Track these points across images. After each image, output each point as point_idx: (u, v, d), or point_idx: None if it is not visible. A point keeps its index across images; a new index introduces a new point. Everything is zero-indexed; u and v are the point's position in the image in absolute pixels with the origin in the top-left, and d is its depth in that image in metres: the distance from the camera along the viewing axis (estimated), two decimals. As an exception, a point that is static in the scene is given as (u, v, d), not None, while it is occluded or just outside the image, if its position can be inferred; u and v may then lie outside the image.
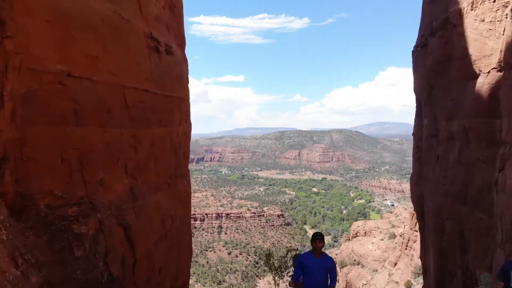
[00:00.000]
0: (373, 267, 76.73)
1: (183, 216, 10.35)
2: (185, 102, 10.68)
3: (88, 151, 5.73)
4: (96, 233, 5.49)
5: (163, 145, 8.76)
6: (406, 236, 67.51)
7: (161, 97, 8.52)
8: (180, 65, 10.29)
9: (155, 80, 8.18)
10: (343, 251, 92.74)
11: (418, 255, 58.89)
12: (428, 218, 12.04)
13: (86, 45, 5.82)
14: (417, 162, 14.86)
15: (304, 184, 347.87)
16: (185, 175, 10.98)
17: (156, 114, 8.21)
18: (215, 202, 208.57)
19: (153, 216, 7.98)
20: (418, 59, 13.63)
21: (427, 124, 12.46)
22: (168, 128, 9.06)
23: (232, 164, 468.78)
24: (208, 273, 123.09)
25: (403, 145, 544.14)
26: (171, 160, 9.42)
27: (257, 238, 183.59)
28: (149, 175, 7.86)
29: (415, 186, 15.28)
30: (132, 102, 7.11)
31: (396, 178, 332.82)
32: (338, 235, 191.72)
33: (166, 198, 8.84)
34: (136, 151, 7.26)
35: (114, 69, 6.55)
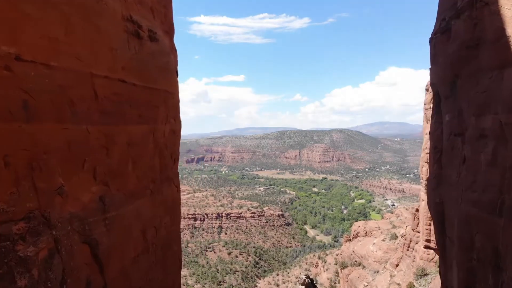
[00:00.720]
0: (374, 268, 75.88)
1: (170, 225, 9.24)
2: (173, 96, 9.65)
3: (42, 152, 4.64)
4: (49, 255, 4.42)
5: (144, 145, 7.67)
6: (408, 237, 66.58)
7: (142, 90, 7.45)
8: (167, 54, 9.22)
9: (134, 70, 7.11)
10: (343, 252, 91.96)
11: (420, 256, 58.29)
12: (451, 229, 10.48)
13: (44, 24, 4.77)
14: (436, 165, 13.36)
15: (305, 184, 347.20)
16: (173, 179, 9.97)
17: (135, 109, 7.01)
18: (215, 202, 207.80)
19: (131, 228, 6.92)
20: (437, 47, 12.18)
21: (449, 121, 11.01)
22: (151, 125, 8.07)
23: (232, 164, 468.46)
24: (208, 274, 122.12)
25: (403, 145, 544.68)
26: (155, 163, 8.19)
27: (257, 238, 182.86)
28: (126, 181, 6.89)
29: (432, 192, 13.76)
30: (103, 94, 6.03)
31: (396, 178, 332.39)
32: (339, 235, 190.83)
33: (148, 206, 7.79)
34: (109, 152, 6.19)
35: (80, 54, 5.46)
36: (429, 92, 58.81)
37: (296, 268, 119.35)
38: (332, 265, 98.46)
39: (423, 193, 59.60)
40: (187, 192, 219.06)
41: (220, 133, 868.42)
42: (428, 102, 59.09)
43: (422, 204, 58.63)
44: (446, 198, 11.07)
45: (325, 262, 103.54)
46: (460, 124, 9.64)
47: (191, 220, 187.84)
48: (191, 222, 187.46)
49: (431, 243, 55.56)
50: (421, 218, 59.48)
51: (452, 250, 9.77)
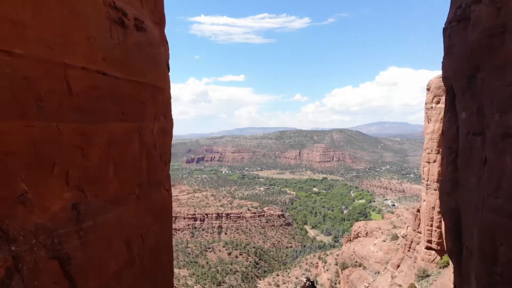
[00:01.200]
0: (375, 269, 75.37)
1: (159, 233, 8.51)
2: (163, 92, 8.92)
3: (1, 154, 3.94)
4: (6, 274, 3.78)
5: (128, 145, 7.08)
6: (409, 237, 66.04)
7: (126, 84, 6.78)
8: (157, 46, 8.54)
9: (117, 61, 6.44)
10: (344, 252, 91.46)
11: (422, 257, 57.70)
12: (469, 238, 9.49)
13: (6, 6, 4.05)
14: (450, 167, 12.39)
15: (305, 184, 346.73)
16: (163, 182, 9.17)
17: (118, 105, 6.51)
18: (215, 202, 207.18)
19: (112, 238, 6.23)
20: (453, 37, 11.20)
21: (467, 118, 9.98)
22: (136, 123, 7.32)
23: (233, 164, 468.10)
24: (208, 274, 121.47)
25: (403, 145, 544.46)
26: (142, 165, 7.68)
27: (258, 239, 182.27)
28: (106, 185, 6.22)
29: (447, 196, 12.67)
30: (79, 88, 5.34)
31: (396, 178, 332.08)
32: (339, 235, 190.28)
33: (133, 213, 7.10)
34: (85, 153, 5.50)
35: (51, 41, 4.77)
36: (430, 91, 58.21)
37: (296, 269, 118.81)
38: (333, 265, 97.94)
39: (424, 193, 59.08)
40: (187, 192, 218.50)
41: (220, 133, 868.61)
42: (430, 101, 58.56)
43: (424, 204, 58.07)
44: (464, 203, 10.01)
45: (326, 263, 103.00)
46: (480, 121, 8.71)
47: (191, 220, 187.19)
48: (191, 222, 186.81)
49: (433, 244, 55.00)
50: (422, 219, 58.91)
51: (470, 262, 8.90)
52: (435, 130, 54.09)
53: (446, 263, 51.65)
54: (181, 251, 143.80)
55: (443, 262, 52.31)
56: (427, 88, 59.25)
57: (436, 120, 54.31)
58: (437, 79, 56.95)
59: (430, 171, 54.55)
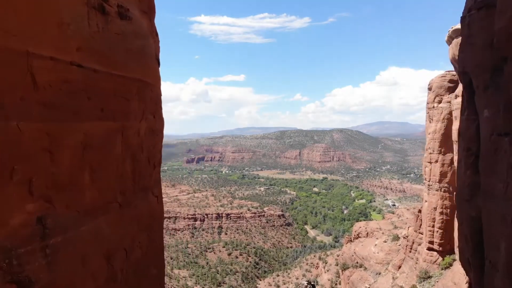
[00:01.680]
0: (376, 269, 74.78)
1: (147, 245, 7.77)
2: (152, 88, 8.19)
3: None
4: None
5: (108, 147, 6.31)
6: (411, 238, 65.43)
7: (106, 77, 6.15)
8: (144, 37, 7.81)
9: (96, 52, 5.86)
10: (344, 253, 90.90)
11: (424, 258, 57.04)
12: (493, 252, 8.55)
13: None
14: (469, 170, 11.20)
15: (305, 184, 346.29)
16: (151, 188, 8.31)
17: (96, 102, 5.76)
18: (215, 202, 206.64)
19: (88, 255, 5.60)
20: (474, 26, 10.20)
21: (490, 117, 8.92)
22: (118, 122, 6.54)
23: (233, 164, 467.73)
24: (207, 274, 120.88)
25: (404, 145, 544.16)
26: (125, 169, 6.88)
27: (258, 239, 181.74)
28: (81, 194, 5.45)
29: (466, 204, 11.46)
30: (47, 81, 4.66)
31: (397, 178, 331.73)
32: (339, 236, 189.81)
33: (114, 224, 6.42)
34: (54, 157, 4.84)
35: (11, 27, 4.10)
36: (432, 91, 57.52)
37: (296, 269, 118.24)
38: (333, 266, 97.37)
39: (426, 193, 58.44)
40: (187, 192, 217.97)
41: (221, 133, 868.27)
42: (431, 101, 57.89)
43: (425, 205, 57.43)
44: (487, 212, 8.99)
45: (326, 263, 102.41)
46: (508, 120, 7.69)
47: (191, 221, 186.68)
48: (191, 223, 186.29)
49: (435, 244, 54.38)
50: (424, 219, 58.26)
51: (494, 278, 8.05)
52: (437, 130, 53.45)
53: (448, 264, 51.03)
54: (181, 251, 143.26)
55: (445, 263, 51.70)
56: (428, 88, 58.60)
57: (438, 119, 53.67)
58: (439, 79, 56.33)
59: (432, 171, 53.92)
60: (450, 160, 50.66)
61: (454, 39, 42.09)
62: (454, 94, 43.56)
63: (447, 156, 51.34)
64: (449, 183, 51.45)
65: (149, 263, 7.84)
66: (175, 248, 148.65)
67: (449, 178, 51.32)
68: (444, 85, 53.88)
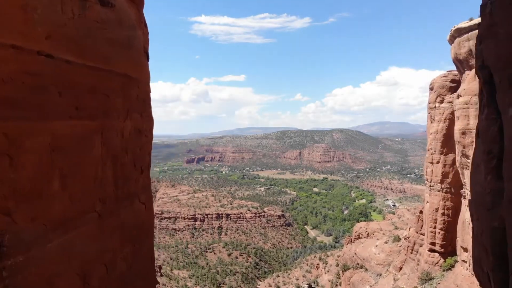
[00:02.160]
0: (376, 271, 74.39)
1: (132, 257, 7.01)
2: (139, 84, 7.47)
3: None
4: None
5: (84, 150, 5.61)
6: (412, 239, 65.03)
7: (82, 70, 5.46)
8: (130, 28, 7.10)
9: (70, 41, 5.16)
10: (345, 254, 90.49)
11: (425, 259, 56.57)
12: None
13: None
14: (490, 176, 10.24)
15: (305, 184, 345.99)
16: (138, 194, 7.49)
17: (69, 98, 5.07)
18: (216, 203, 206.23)
19: (57, 275, 4.84)
20: (497, 15, 9.35)
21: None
22: (96, 121, 5.85)
23: (233, 164, 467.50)
24: (207, 275, 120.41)
25: (404, 145, 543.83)
26: (106, 175, 6.17)
27: (258, 239, 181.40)
28: (48, 204, 4.73)
29: (488, 213, 10.42)
30: (7, 73, 4.11)
31: (397, 178, 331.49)
32: (340, 236, 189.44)
33: (92, 237, 5.73)
34: (13, 162, 4.19)
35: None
36: (433, 91, 57.07)
37: (297, 270, 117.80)
38: (333, 266, 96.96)
39: (427, 194, 58.00)
40: (187, 192, 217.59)
41: (221, 133, 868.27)
42: (433, 101, 57.45)
43: (427, 206, 56.98)
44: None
45: (326, 264, 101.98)
46: None
47: (191, 221, 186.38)
48: (191, 223, 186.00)
49: (436, 246, 53.96)
50: (425, 220, 57.82)
51: None
52: (439, 130, 53.04)
53: (450, 266, 50.62)
54: (181, 251, 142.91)
55: (447, 265, 51.29)
56: (430, 88, 58.19)
57: (440, 120, 53.26)
58: (441, 78, 55.92)
59: (433, 172, 53.52)
60: (452, 161, 50.23)
61: (456, 38, 41.78)
62: (456, 94, 43.15)
63: (449, 156, 50.92)
64: (451, 184, 51.05)
65: (136, 276, 7.22)
66: (175, 248, 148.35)
67: (451, 179, 50.93)
68: (446, 85, 53.49)
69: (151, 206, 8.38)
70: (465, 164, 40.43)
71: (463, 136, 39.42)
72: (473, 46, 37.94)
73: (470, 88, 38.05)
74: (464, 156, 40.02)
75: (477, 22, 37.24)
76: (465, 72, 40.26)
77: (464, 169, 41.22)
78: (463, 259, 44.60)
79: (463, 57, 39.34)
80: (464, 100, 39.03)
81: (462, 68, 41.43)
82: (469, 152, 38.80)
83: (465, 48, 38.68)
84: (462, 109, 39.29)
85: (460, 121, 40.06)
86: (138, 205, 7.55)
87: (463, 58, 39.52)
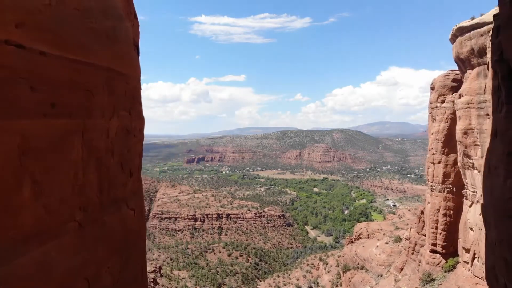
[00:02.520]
0: (377, 271, 74.00)
1: (120, 269, 6.41)
2: (128, 80, 6.89)
3: None
4: None
5: (61, 151, 5.02)
6: (413, 240, 64.60)
7: (60, 63, 4.89)
8: (118, 18, 6.58)
9: (45, 30, 4.66)
10: (345, 254, 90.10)
11: (427, 260, 56.13)
12: None
13: None
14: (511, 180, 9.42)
15: (305, 184, 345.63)
16: (126, 200, 6.86)
17: (42, 94, 4.55)
18: (216, 203, 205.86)
19: None
20: None
21: None
22: (78, 120, 5.29)
23: (233, 164, 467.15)
24: (207, 276, 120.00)
25: (404, 145, 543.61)
26: (88, 179, 5.58)
27: (258, 239, 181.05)
28: (17, 215, 4.23)
29: (508, 220, 9.53)
30: None
31: (397, 178, 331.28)
32: (340, 236, 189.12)
33: (71, 249, 5.17)
34: None
35: None
36: (435, 90, 56.65)
37: (297, 270, 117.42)
38: (334, 267, 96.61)
39: (429, 195, 57.55)
40: (187, 193, 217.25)
41: (221, 133, 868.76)
42: (434, 100, 57.02)
43: (428, 206, 56.54)
44: None
45: (327, 264, 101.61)
46: None
47: (191, 221, 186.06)
48: (191, 223, 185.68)
49: (438, 247, 53.51)
50: (426, 221, 57.36)
51: None
52: (440, 130, 52.61)
53: (452, 267, 50.19)
54: (181, 252, 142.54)
55: (449, 266, 50.86)
56: (431, 87, 57.77)
57: (441, 119, 52.83)
58: (442, 78, 55.49)
59: (435, 172, 53.08)
60: (453, 161, 49.81)
61: (458, 37, 41.33)
62: (458, 94, 42.70)
63: (451, 156, 50.50)
64: (452, 184, 50.63)
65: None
66: (175, 249, 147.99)
67: (453, 179, 50.50)
68: (447, 84, 53.07)
69: (142, 212, 7.77)
70: (467, 165, 40.01)
71: (465, 136, 38.99)
72: (475, 45, 37.54)
73: (472, 88, 37.60)
74: (466, 156, 39.59)
75: (479, 21, 36.78)
76: (467, 71, 39.81)
77: (465, 169, 40.80)
78: (465, 260, 44.17)
79: (465, 56, 38.89)
80: (466, 99, 38.60)
81: (464, 67, 40.99)
82: (471, 152, 38.35)
83: (467, 47, 38.22)
84: (464, 109, 38.87)
85: (462, 121, 39.62)
86: (126, 211, 6.96)
87: (465, 57, 39.07)
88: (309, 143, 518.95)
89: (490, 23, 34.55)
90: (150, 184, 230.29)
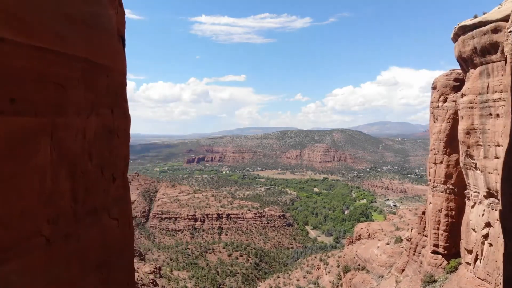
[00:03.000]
0: (378, 272, 73.53)
1: (100, 286, 5.71)
2: (109, 73, 6.18)
3: None
4: None
5: (22, 155, 4.36)
6: (414, 241, 64.12)
7: (24, 52, 4.26)
8: (98, 4, 5.91)
9: (8, 14, 4.02)
10: (346, 255, 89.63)
11: (428, 261, 55.63)
12: None
13: None
14: None
15: (306, 184, 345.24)
16: (108, 208, 6.11)
17: (2, 88, 3.97)
18: (216, 203, 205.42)
19: None
20: None
21: None
22: (45, 119, 4.62)
23: (233, 164, 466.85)
24: (207, 276, 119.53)
25: (404, 145, 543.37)
26: (58, 186, 4.87)
27: (258, 240, 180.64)
28: None
29: None
30: None
31: (398, 178, 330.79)
32: (340, 236, 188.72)
33: (37, 269, 4.50)
34: None
35: None
36: (436, 90, 56.19)
37: (297, 270, 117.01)
38: (334, 267, 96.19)
39: (430, 195, 57.09)
40: (187, 193, 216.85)
41: (221, 133, 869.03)
42: (436, 100, 56.55)
43: (430, 207, 56.08)
44: None
45: (327, 264, 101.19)
46: None
47: (191, 221, 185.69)
48: (191, 223, 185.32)
49: (439, 248, 53.03)
50: (428, 222, 56.89)
51: None
52: (442, 130, 52.15)
53: (454, 268, 49.70)
54: (181, 252, 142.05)
55: (450, 267, 50.36)
56: (432, 87, 57.30)
57: (443, 119, 52.36)
58: (444, 77, 54.99)
59: (436, 173, 52.60)
60: (455, 161, 49.32)
61: (460, 36, 40.84)
62: (460, 93, 42.23)
63: (453, 156, 50.01)
64: (455, 185, 50.14)
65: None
66: (175, 249, 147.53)
67: (455, 180, 50.01)
68: (449, 84, 52.56)
69: (127, 221, 6.92)
70: (469, 165, 39.53)
71: (467, 136, 38.52)
72: (478, 44, 37.07)
73: (475, 87, 37.13)
74: (468, 156, 39.12)
75: (482, 20, 36.25)
76: (470, 71, 39.32)
77: (468, 169, 40.32)
78: (467, 261, 43.69)
79: (468, 55, 38.40)
80: (468, 99, 38.13)
81: (466, 67, 40.50)
82: (473, 152, 37.88)
83: (469, 46, 37.74)
84: (467, 109, 38.40)
85: (464, 121, 39.15)
86: (107, 221, 6.18)
87: (467, 56, 38.58)
88: (309, 143, 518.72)
89: (493, 21, 34.08)
90: (150, 184, 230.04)
